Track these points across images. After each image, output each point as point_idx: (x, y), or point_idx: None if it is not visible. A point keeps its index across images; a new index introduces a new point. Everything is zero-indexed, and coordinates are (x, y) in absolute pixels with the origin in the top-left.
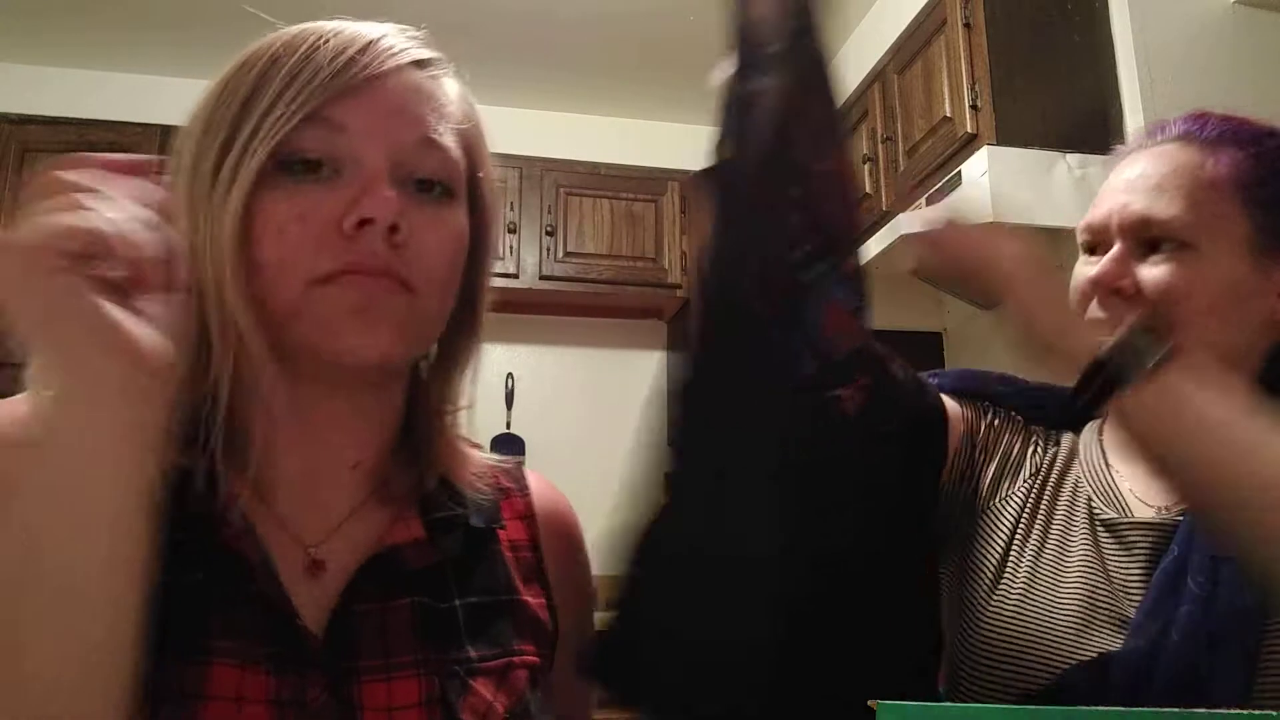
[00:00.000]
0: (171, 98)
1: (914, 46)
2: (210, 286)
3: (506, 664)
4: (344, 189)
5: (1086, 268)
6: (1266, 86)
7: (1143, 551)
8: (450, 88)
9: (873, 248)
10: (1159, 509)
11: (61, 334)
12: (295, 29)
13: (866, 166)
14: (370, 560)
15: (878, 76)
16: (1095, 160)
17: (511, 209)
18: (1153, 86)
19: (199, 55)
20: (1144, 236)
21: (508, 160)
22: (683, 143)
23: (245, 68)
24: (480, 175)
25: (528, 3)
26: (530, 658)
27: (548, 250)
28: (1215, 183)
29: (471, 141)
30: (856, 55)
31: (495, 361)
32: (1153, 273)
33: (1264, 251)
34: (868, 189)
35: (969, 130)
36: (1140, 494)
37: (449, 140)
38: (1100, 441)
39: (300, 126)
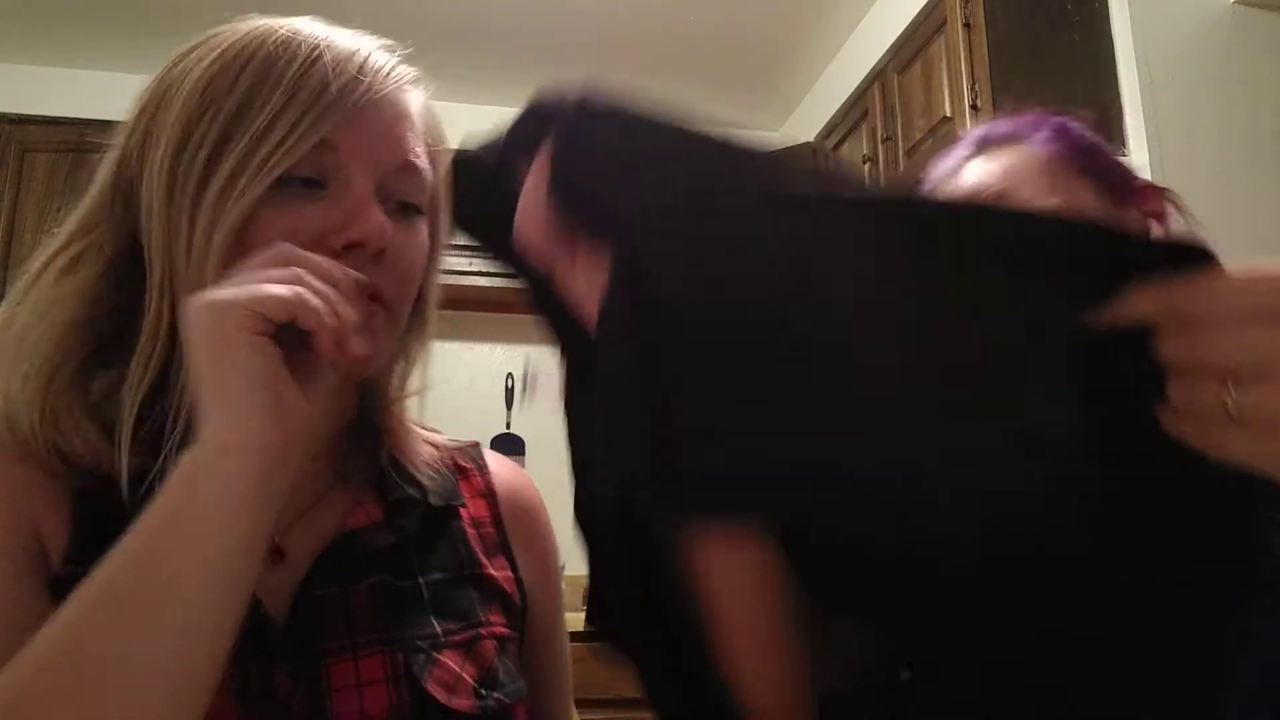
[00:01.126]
0: None
1: (914, 46)
2: (188, 288)
3: (473, 636)
4: (331, 206)
5: None
6: (1265, 87)
7: None
8: (421, 104)
9: None
10: None
11: (234, 393)
12: (275, 31)
13: (866, 166)
14: (330, 545)
15: (878, 76)
16: None
17: None
18: (1152, 86)
19: None
20: None
21: None
22: None
23: (229, 70)
24: (439, 185)
25: (527, 2)
26: (499, 629)
27: None
28: (1052, 163)
29: (435, 155)
30: (856, 55)
31: (495, 361)
32: None
33: (1114, 206)
34: None
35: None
36: None
37: (423, 162)
38: None
39: None
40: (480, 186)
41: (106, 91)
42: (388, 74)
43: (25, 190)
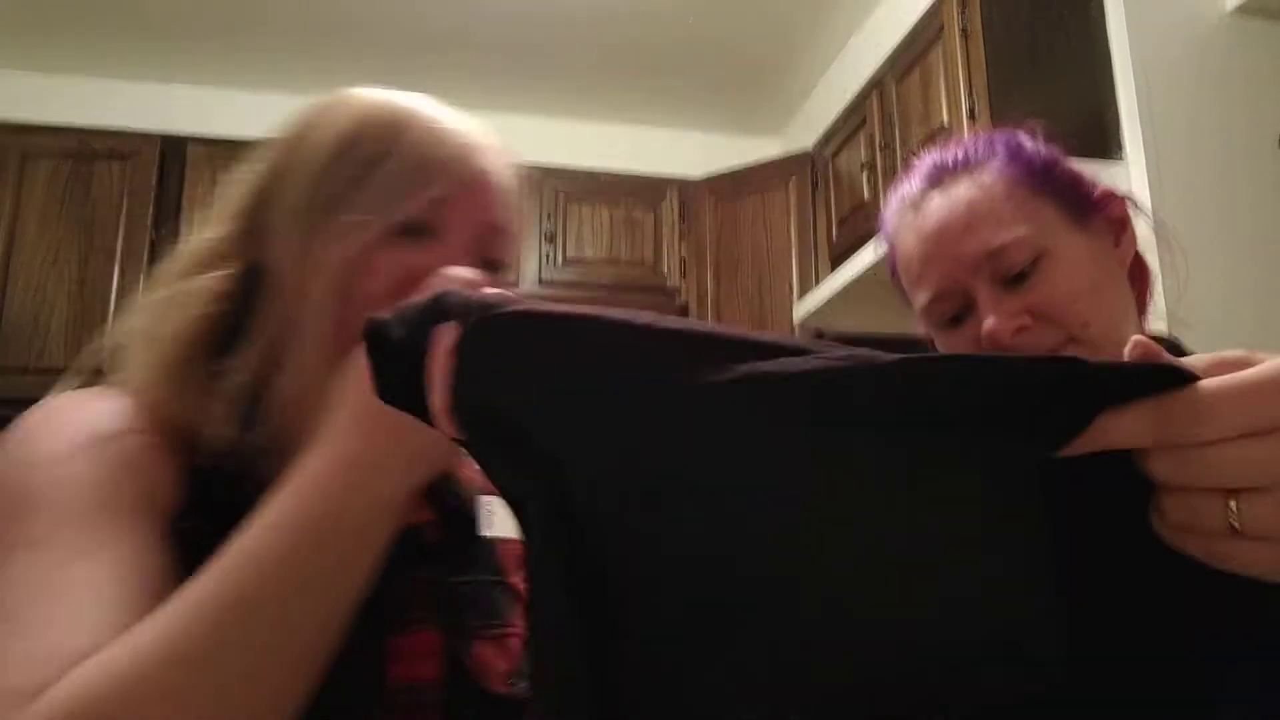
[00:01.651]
0: (172, 105)
1: (912, 54)
2: (307, 305)
3: (504, 632)
4: (434, 252)
5: (959, 337)
6: (1262, 93)
7: None
8: (512, 178)
9: (870, 253)
10: None
11: (413, 431)
12: (400, 100)
13: (865, 173)
14: (397, 537)
15: (876, 84)
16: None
17: None
18: (1149, 94)
19: (200, 63)
20: (1002, 269)
21: None
22: (682, 149)
23: (364, 126)
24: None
25: (527, 8)
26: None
27: (547, 256)
28: (1011, 190)
29: (519, 221)
30: (855, 63)
31: None
32: (1040, 292)
33: (1078, 221)
34: (865, 196)
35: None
36: None
37: (512, 226)
38: None
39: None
40: (393, 356)
41: (107, 99)
42: (493, 148)
43: (26, 197)
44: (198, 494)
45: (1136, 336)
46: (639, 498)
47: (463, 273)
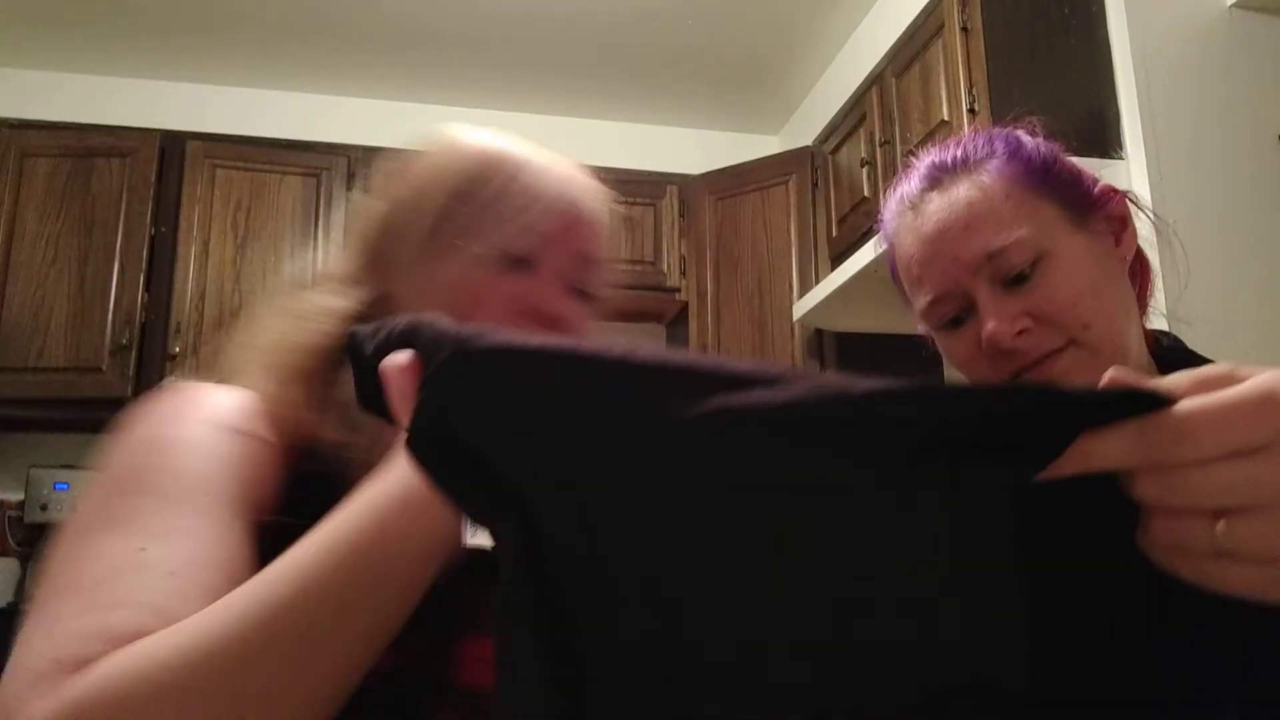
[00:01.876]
0: (171, 102)
1: (912, 50)
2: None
3: None
4: (534, 282)
5: (960, 338)
6: (1262, 89)
7: None
8: (605, 215)
9: (870, 251)
10: None
11: None
12: (510, 147)
13: (865, 170)
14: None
15: (876, 80)
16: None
17: None
18: (1149, 90)
19: (199, 60)
20: (1002, 271)
21: None
22: (681, 146)
23: (481, 171)
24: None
25: (526, 7)
26: None
27: None
28: (1010, 190)
29: (607, 255)
30: (854, 59)
31: None
32: (1041, 294)
33: (1078, 220)
34: (866, 192)
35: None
36: None
37: (603, 259)
38: None
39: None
40: (365, 371)
41: (106, 96)
42: (589, 187)
43: (25, 194)
44: (298, 498)
45: (1109, 373)
46: (614, 529)
47: (558, 305)
